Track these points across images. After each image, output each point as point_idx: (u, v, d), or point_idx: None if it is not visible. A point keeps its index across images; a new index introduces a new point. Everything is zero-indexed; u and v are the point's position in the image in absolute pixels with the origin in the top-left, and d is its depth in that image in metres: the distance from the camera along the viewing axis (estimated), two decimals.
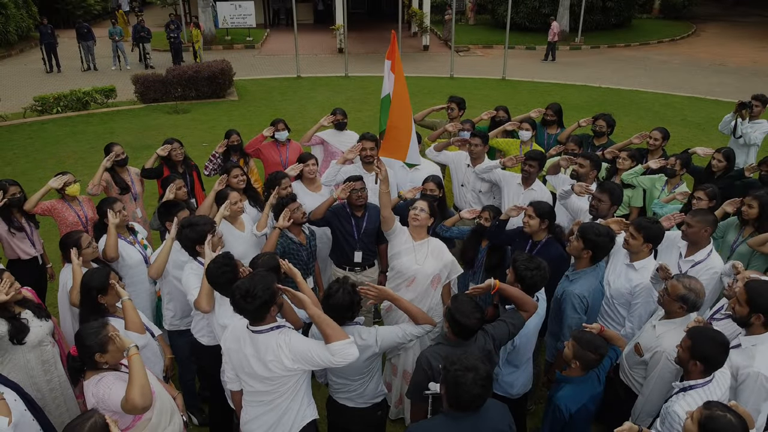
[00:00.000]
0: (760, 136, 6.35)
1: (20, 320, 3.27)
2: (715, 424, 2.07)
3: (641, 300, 3.42)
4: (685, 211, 4.47)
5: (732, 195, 4.88)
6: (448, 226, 4.32)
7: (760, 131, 6.35)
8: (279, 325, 2.74)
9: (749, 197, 4.10)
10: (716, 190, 4.43)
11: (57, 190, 4.63)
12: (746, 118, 6.38)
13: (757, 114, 6.43)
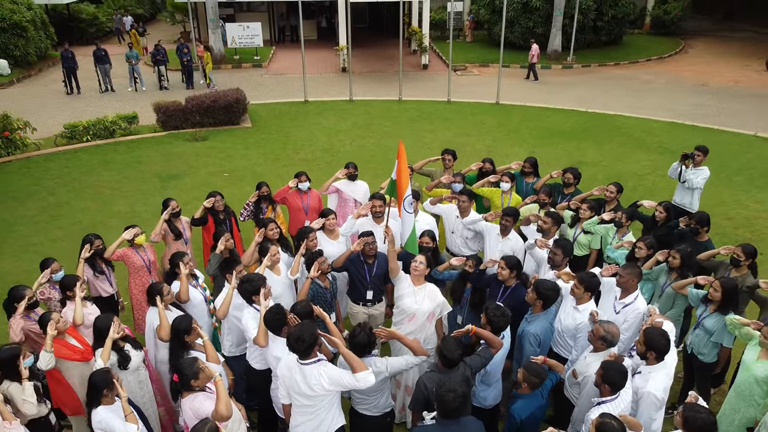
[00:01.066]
0: (701, 181, 7.53)
1: (125, 351, 4.48)
2: (604, 427, 3.26)
3: (583, 334, 4.61)
4: (630, 255, 5.68)
5: (671, 240, 6.11)
6: (440, 270, 5.51)
7: (701, 177, 7.53)
8: (319, 359, 3.93)
9: (674, 250, 5.30)
10: (653, 241, 5.62)
11: (128, 241, 5.81)
12: (689, 166, 7.55)
13: (699, 162, 7.60)
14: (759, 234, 9.11)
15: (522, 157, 11.88)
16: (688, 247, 5.33)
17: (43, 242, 8.94)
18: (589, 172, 11.65)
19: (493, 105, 16.88)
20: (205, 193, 10.22)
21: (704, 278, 5.00)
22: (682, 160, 7.59)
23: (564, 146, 13.34)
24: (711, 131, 14.66)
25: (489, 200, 7.02)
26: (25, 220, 9.67)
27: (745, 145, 13.58)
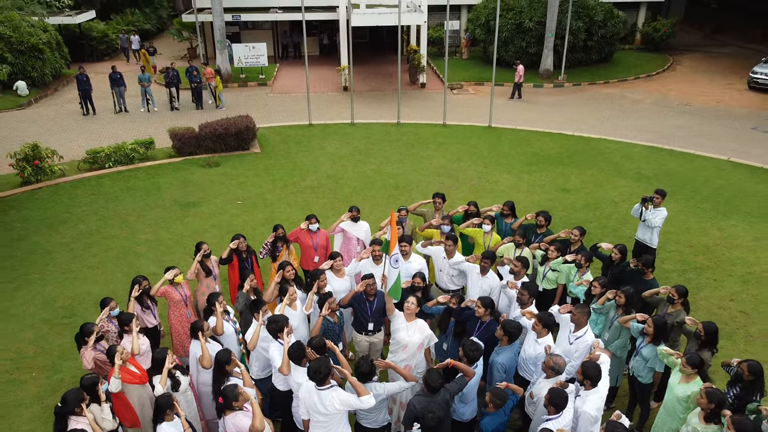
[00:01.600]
0: (659, 221, 8.70)
1: (176, 377, 5.66)
2: None
3: (542, 362, 5.78)
4: (588, 291, 6.84)
5: (624, 278, 7.28)
6: (429, 306, 6.68)
7: (660, 217, 8.70)
8: (332, 385, 5.10)
9: (620, 291, 6.47)
10: (606, 281, 6.80)
11: (169, 280, 6.98)
12: (649, 208, 8.71)
13: (658, 204, 8.75)
14: (715, 261, 10.27)
15: (510, 183, 13.23)
16: (631, 288, 6.50)
17: (80, 269, 10.12)
18: (570, 200, 12.85)
19: (485, 128, 18.07)
20: (221, 221, 11.51)
21: (642, 315, 6.17)
22: (642, 202, 8.74)
23: (549, 172, 14.51)
24: (686, 156, 15.84)
25: (473, 239, 8.19)
26: (62, 248, 10.85)
27: (717, 171, 14.76)
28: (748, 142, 17.28)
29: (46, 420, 6.77)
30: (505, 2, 25.10)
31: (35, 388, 7.40)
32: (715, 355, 6.11)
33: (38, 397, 7.23)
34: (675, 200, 12.76)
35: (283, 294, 6.50)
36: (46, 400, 7.16)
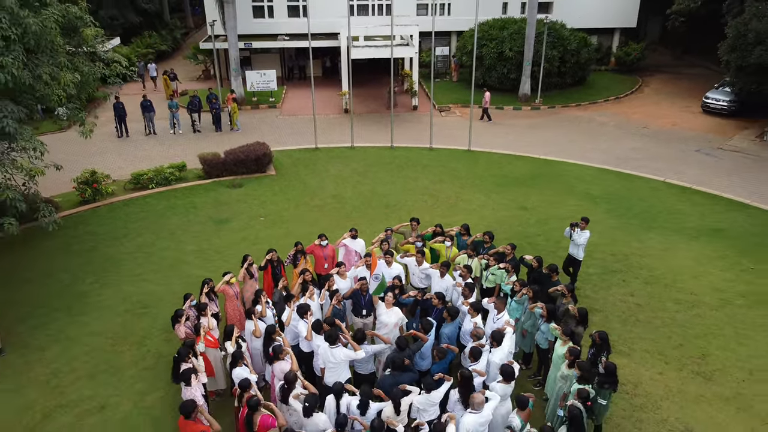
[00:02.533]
0: (583, 240, 11.97)
1: (239, 342, 9.02)
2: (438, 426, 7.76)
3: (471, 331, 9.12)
4: (512, 289, 10.16)
5: (540, 279, 10.61)
6: (404, 297, 9.99)
7: (584, 238, 11.98)
8: (338, 345, 8.44)
9: (529, 288, 9.79)
10: (524, 282, 10.14)
11: (226, 282, 10.31)
12: (576, 231, 12.00)
13: (582, 227, 12.03)
14: (628, 266, 13.59)
15: (481, 202, 16.56)
16: (537, 287, 9.84)
17: (145, 273, 13.47)
18: (526, 216, 16.18)
19: (465, 152, 21.42)
20: (249, 234, 14.83)
21: (540, 305, 9.49)
22: (571, 227, 12.04)
23: (514, 192, 17.85)
24: (629, 177, 19.19)
25: (439, 252, 11.54)
26: (127, 257, 14.20)
27: (652, 191, 18.10)
28: (689, 164, 20.64)
29: (143, 377, 10.12)
30: (489, 33, 28.47)
31: (130, 356, 10.74)
32: (587, 329, 9.46)
33: (134, 362, 10.57)
34: (610, 217, 16.12)
35: (304, 290, 9.86)
36: (139, 365, 10.50)
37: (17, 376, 10.21)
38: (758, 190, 18.36)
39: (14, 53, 9.74)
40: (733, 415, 9.18)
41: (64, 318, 11.81)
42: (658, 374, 10.08)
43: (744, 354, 10.61)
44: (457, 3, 32.31)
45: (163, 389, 9.84)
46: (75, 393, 9.82)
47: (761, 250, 14.35)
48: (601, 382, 8.21)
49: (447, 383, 7.88)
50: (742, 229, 15.57)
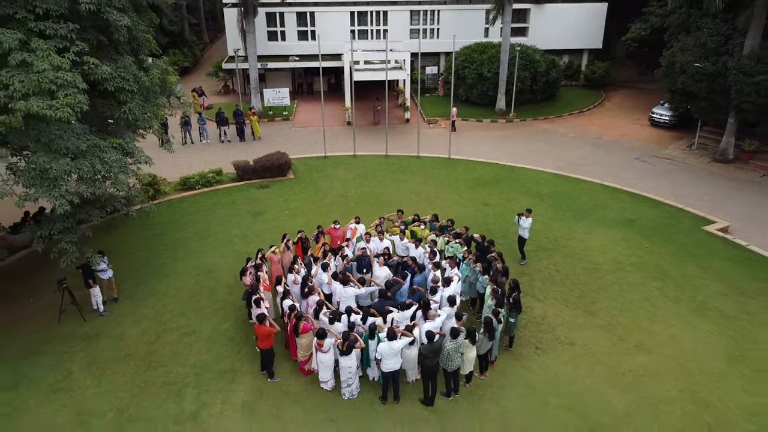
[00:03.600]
0: (528, 225, 17.24)
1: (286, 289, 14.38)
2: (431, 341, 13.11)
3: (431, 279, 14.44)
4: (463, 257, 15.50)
5: (483, 250, 15.98)
6: (390, 261, 15.31)
7: (527, 223, 17.25)
8: (350, 285, 13.78)
9: (472, 255, 15.12)
10: (473, 252, 15.48)
11: (272, 251, 15.64)
12: (521, 218, 17.32)
13: (527, 216, 17.34)
14: (557, 246, 18.88)
15: (454, 199, 21.80)
16: (479, 254, 15.18)
17: (206, 250, 18.78)
18: (487, 211, 21.50)
19: (445, 159, 26.77)
20: (278, 224, 20.12)
21: (479, 265, 14.81)
22: (518, 215, 17.37)
23: (480, 192, 23.18)
24: (575, 180, 24.52)
25: (416, 232, 16.88)
26: (190, 239, 19.52)
27: (590, 191, 23.43)
28: (627, 169, 25.98)
29: (217, 314, 15.42)
30: (471, 57, 33.82)
31: (206, 302, 16.03)
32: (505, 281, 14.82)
33: (209, 306, 15.85)
34: (551, 210, 21.43)
35: (324, 256, 15.21)
36: (213, 307, 15.78)
37: (132, 315, 15.55)
38: (675, 192, 23.70)
39: (135, 101, 15.01)
40: (601, 334, 14.50)
41: (153, 280, 17.14)
42: (559, 312, 15.42)
43: (621, 300, 15.93)
44: (444, 28, 37.64)
45: (231, 321, 15.16)
46: (173, 323, 15.16)
47: (658, 236, 19.69)
48: (511, 307, 13.56)
49: (414, 306, 13.22)
50: (649, 220, 20.91)
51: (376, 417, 12.07)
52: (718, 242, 19.46)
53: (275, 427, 11.82)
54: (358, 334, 12.62)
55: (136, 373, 13.39)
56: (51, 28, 12.50)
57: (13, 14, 12.17)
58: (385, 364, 12.02)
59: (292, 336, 13.08)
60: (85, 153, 13.11)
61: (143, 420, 12.07)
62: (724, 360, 13.55)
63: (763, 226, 20.71)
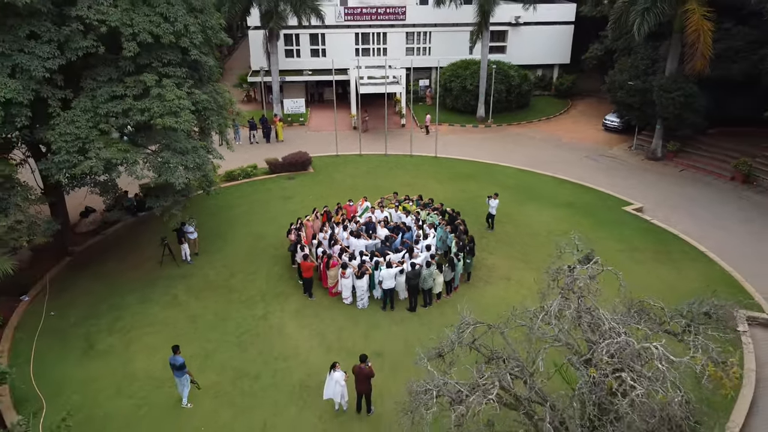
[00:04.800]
0: (495, 205, 24.74)
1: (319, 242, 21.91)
2: None
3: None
4: (439, 223, 22.99)
5: (453, 218, 23.51)
6: (389, 225, 22.77)
7: (495, 203, 24.75)
8: (361, 239, 21.27)
9: (446, 221, 22.60)
10: (445, 219, 23.00)
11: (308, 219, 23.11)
12: (490, 199, 24.81)
13: (494, 198, 24.81)
14: (511, 219, 26.30)
15: (438, 188, 29.42)
16: (449, 220, 22.67)
17: (254, 223, 26.25)
18: (463, 195, 29.00)
19: (432, 158, 34.28)
20: (305, 204, 27.85)
21: (448, 227, 22.25)
22: (488, 197, 24.88)
23: (459, 183, 30.65)
24: (535, 174, 31.99)
25: (406, 207, 24.37)
26: (240, 215, 27.01)
27: (543, 182, 30.92)
28: (577, 166, 33.46)
29: (269, 261, 22.91)
30: (456, 72, 41.33)
31: (260, 255, 23.52)
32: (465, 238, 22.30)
33: (263, 256, 23.33)
34: (513, 195, 28.86)
35: (342, 222, 22.73)
36: (265, 256, 23.26)
37: (210, 263, 23.01)
38: (611, 182, 31.18)
39: (215, 115, 22.41)
40: (530, 273, 21.90)
41: (219, 242, 24.60)
42: (504, 261, 22.87)
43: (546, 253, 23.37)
44: (435, 46, 45.15)
45: (280, 265, 22.63)
46: (239, 268, 22.64)
47: (587, 213, 27.16)
48: (467, 252, 21.08)
49: (404, 251, 20.70)
50: (585, 203, 28.39)
51: (379, 317, 19.57)
52: (630, 218, 26.99)
53: (316, 322, 19.34)
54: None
55: (220, 296, 20.90)
56: (172, 71, 19.96)
57: (149, 63, 19.60)
58: (384, 284, 19.53)
59: (324, 270, 20.56)
60: (189, 151, 20.57)
61: (231, 319, 19.58)
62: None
63: (668, 207, 28.23)
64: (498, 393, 10.11)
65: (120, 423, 15.53)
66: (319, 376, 16.38)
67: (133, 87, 19.14)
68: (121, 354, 18.14)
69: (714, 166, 32.45)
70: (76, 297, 20.85)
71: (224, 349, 18.24)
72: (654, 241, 24.73)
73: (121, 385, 16.82)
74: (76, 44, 18.13)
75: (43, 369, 17.44)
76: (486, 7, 36.92)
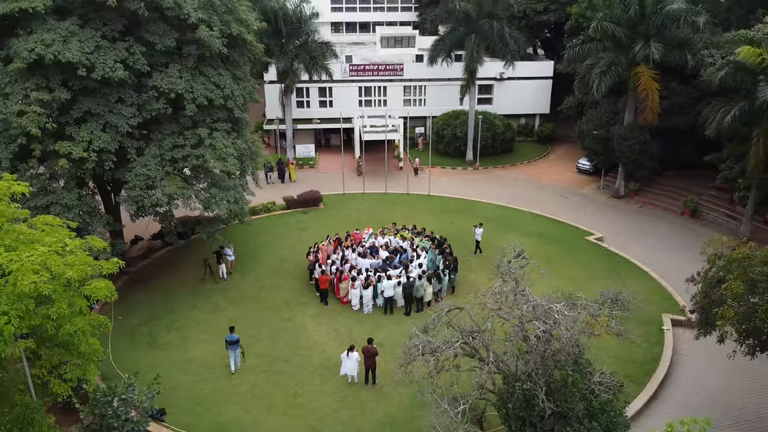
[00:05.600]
0: (481, 232, 30.51)
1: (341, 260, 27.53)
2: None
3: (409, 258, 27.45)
4: (429, 247, 28.60)
5: (441, 243, 29.17)
6: (389, 249, 28.37)
7: (480, 231, 30.52)
8: (367, 259, 26.85)
9: (437, 248, 28.21)
10: (435, 244, 28.64)
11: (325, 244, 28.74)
12: (476, 228, 30.50)
13: (479, 227, 30.53)
14: (491, 246, 31.86)
15: (430, 220, 35.27)
16: (438, 245, 28.28)
17: (276, 248, 31.89)
18: (452, 227, 34.72)
19: (426, 195, 40.15)
20: (318, 233, 33.65)
21: (437, 250, 27.85)
22: (474, 227, 30.60)
23: (448, 216, 36.40)
24: (513, 209, 37.80)
25: (403, 235, 30.02)
26: (266, 242, 32.65)
27: (520, 216, 36.70)
28: (551, 202, 39.30)
29: (291, 277, 28.48)
30: (448, 122, 47.61)
31: (287, 275, 29.05)
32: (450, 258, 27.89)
33: (287, 273, 28.90)
34: (493, 227, 34.53)
35: (351, 246, 28.39)
36: (290, 273, 28.81)
37: (244, 279, 28.56)
38: (579, 217, 36.93)
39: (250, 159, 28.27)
40: None
41: (250, 263, 30.17)
42: (483, 277, 28.32)
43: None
44: (429, 98, 51.59)
45: (300, 280, 28.18)
46: (268, 282, 28.18)
47: (554, 241, 32.83)
48: (451, 270, 26.66)
49: (401, 268, 26.25)
50: (554, 233, 34.09)
51: (381, 320, 25.05)
52: (591, 245, 32.67)
53: (331, 323, 24.81)
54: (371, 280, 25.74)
55: (253, 304, 26.40)
56: (220, 126, 25.90)
57: (203, 120, 25.54)
58: (386, 293, 25.06)
59: (337, 283, 26.07)
60: (231, 188, 26.36)
61: (264, 321, 25.05)
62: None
63: (625, 237, 33.94)
64: (461, 345, 15.59)
65: (185, 392, 20.83)
66: (335, 360, 21.75)
67: (190, 138, 25.05)
68: (179, 346, 23.54)
69: (667, 203, 38.31)
70: (136, 305, 26.30)
71: (260, 342, 23.64)
72: (608, 263, 30.36)
73: (181, 367, 22.17)
74: (151, 106, 24.14)
75: (118, 357, 22.77)
76: (471, 67, 43.35)
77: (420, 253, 27.96)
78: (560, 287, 18.23)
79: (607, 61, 35.64)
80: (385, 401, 20.39)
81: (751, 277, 16.09)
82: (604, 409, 14.39)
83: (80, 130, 22.79)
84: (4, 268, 11.12)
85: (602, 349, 19.52)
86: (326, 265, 27.68)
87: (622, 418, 14.87)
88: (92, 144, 22.71)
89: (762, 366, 20.35)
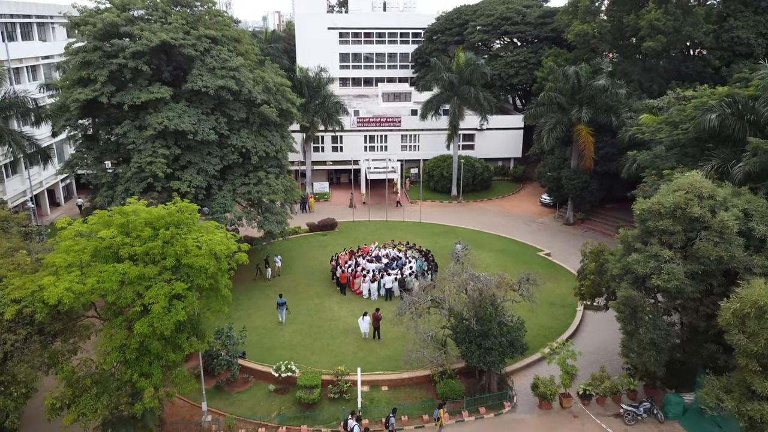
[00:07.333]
0: (459, 248, 42.81)
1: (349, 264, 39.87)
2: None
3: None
4: (418, 257, 40.88)
5: (427, 255, 41.51)
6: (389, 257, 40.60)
7: (459, 247, 42.81)
8: (374, 264, 39.11)
9: (424, 257, 40.46)
10: (422, 254, 40.94)
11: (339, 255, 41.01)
12: (457, 245, 42.77)
13: (459, 243, 42.81)
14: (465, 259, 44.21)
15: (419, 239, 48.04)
16: (424, 256, 40.55)
17: (305, 260, 44.15)
18: (437, 246, 47.10)
19: (417, 222, 52.62)
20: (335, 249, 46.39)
21: (423, 258, 40.08)
22: (456, 243, 42.89)
23: (434, 238, 48.74)
24: (485, 233, 50.19)
25: (400, 249, 42.31)
26: (295, 257, 44.91)
27: (489, 238, 49.09)
28: (516, 229, 51.75)
29: (321, 277, 40.74)
30: (437, 164, 60.41)
31: (314, 277, 41.26)
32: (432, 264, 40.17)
33: (317, 278, 41.12)
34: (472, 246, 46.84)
35: (362, 255, 40.74)
36: (317, 275, 41.05)
37: (284, 279, 40.79)
38: (536, 238, 49.27)
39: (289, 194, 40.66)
40: None
41: (287, 269, 42.40)
42: None
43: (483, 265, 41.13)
44: (422, 144, 64.54)
45: (325, 281, 40.41)
46: (302, 280, 40.43)
47: (514, 256, 45.12)
48: (432, 272, 38.95)
49: (397, 270, 38.50)
50: (513, 250, 46.40)
51: (383, 304, 37.20)
52: (540, 258, 44.99)
53: (349, 306, 37.04)
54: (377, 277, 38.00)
55: (293, 294, 38.60)
56: (272, 170, 38.48)
57: (261, 166, 38.10)
58: (387, 286, 37.34)
59: (352, 279, 38.31)
60: (278, 214, 38.81)
61: (302, 304, 37.28)
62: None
63: (568, 253, 46.20)
64: (431, 300, 27.90)
65: (254, 344, 32.87)
66: (353, 326, 33.89)
67: (252, 179, 37.67)
68: (245, 318, 35.66)
69: (606, 228, 50.73)
70: None
71: (301, 317, 35.79)
72: (551, 270, 42.63)
73: (249, 329, 34.23)
74: (229, 158, 36.85)
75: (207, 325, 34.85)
76: (454, 123, 56.40)
77: (411, 260, 40.24)
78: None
79: (554, 120, 48.64)
80: (386, 347, 32.42)
81: (600, 261, 28.40)
82: (510, 332, 26.58)
83: (184, 173, 35.41)
84: (201, 243, 23.35)
85: (534, 321, 31.87)
86: (345, 267, 39.91)
87: (522, 341, 27.02)
88: (191, 182, 35.27)
89: None
